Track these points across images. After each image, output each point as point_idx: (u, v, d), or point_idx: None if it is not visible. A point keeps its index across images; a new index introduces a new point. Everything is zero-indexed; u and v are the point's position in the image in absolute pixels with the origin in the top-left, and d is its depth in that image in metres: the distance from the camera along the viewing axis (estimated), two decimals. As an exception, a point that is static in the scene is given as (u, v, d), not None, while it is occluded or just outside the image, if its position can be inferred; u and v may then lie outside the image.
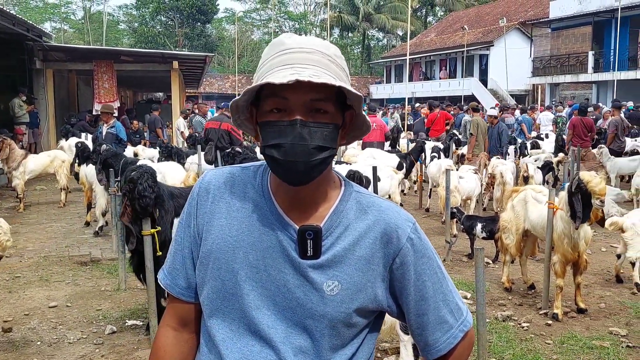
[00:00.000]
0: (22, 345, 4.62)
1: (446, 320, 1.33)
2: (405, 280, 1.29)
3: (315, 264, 1.25)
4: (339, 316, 1.25)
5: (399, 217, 1.31)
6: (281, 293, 1.25)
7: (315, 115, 1.22)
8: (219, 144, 9.64)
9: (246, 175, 1.36)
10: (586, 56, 29.55)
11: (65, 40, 46.53)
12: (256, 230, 1.28)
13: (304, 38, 1.29)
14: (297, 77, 1.16)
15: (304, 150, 1.20)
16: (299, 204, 1.29)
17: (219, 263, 1.28)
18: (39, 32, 15.76)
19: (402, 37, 53.73)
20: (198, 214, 1.34)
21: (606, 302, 5.62)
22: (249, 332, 1.27)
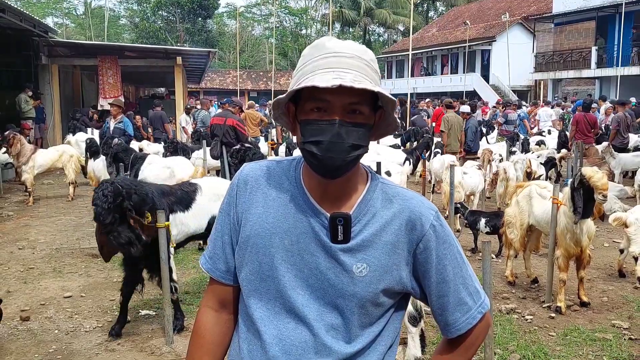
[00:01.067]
0: (40, 334, 4.75)
1: (465, 302, 1.43)
2: (428, 264, 1.40)
3: (345, 248, 1.36)
4: (367, 296, 1.37)
5: (423, 206, 1.42)
6: (314, 275, 1.37)
7: (352, 116, 1.33)
8: (224, 140, 9.74)
9: (281, 168, 1.48)
10: (589, 52, 29.54)
11: (67, 35, 46.58)
12: (291, 217, 1.40)
13: (344, 42, 1.37)
14: (340, 82, 1.26)
15: (341, 147, 1.31)
16: (330, 194, 1.40)
17: (257, 247, 1.41)
18: (44, 27, 15.85)
19: (403, 32, 53.72)
20: (237, 203, 1.46)
21: (609, 296, 5.73)
22: (284, 310, 1.38)
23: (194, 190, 5.14)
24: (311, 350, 1.37)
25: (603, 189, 4.90)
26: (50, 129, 16.44)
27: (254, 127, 14.64)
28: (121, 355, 4.39)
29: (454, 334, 1.46)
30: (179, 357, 4.37)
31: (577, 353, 4.42)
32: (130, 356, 4.37)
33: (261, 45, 60.80)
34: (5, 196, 11.16)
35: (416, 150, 10.75)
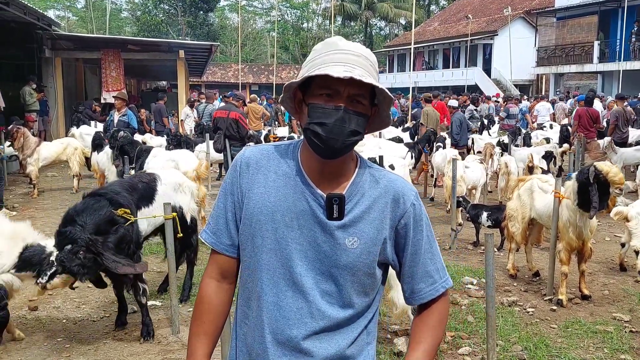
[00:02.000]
0: (48, 323, 4.83)
1: (432, 275, 1.64)
2: (406, 238, 1.61)
3: (339, 224, 1.54)
4: (358, 265, 1.55)
5: (406, 187, 1.63)
6: (312, 248, 1.55)
7: (355, 105, 1.52)
8: (227, 133, 9.80)
9: (279, 151, 1.65)
10: (592, 46, 29.48)
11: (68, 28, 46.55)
12: (290, 197, 1.57)
13: (352, 43, 1.58)
14: (351, 74, 1.46)
15: (343, 131, 1.50)
16: (326, 175, 1.58)
17: (260, 224, 1.57)
18: (48, 20, 15.87)
19: (405, 26, 53.62)
20: (241, 183, 1.62)
21: (610, 290, 5.79)
22: (283, 280, 1.55)
23: (154, 180, 5.02)
24: (307, 314, 1.54)
25: (620, 184, 4.95)
26: (53, 121, 16.49)
27: (256, 121, 14.70)
28: (128, 344, 4.46)
29: (417, 302, 1.65)
30: (185, 346, 4.43)
31: (578, 345, 4.49)
32: (137, 345, 4.44)
33: (262, 38, 60.66)
34: (10, 188, 11.22)
35: (418, 144, 10.80)
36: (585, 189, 5.02)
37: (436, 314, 1.65)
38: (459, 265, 6.40)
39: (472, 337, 4.64)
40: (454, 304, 5.32)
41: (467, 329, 4.77)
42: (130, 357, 4.25)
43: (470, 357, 4.30)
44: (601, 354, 4.34)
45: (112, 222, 4.22)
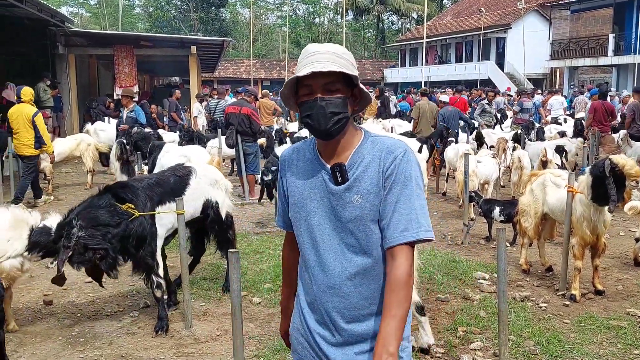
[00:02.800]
0: (63, 317, 4.89)
1: (401, 221, 1.83)
2: (390, 186, 1.85)
3: (344, 187, 1.88)
4: (366, 215, 1.86)
5: (395, 144, 1.90)
6: (331, 211, 1.92)
7: (329, 92, 1.87)
8: (239, 128, 9.81)
9: (304, 144, 2.06)
10: (606, 39, 29.13)
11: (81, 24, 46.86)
12: (311, 176, 1.97)
13: (322, 45, 1.93)
14: (312, 69, 1.83)
15: (324, 115, 1.86)
16: (332, 151, 1.94)
17: (296, 202, 2.00)
18: (61, 17, 16.00)
19: (417, 20, 53.31)
20: (283, 177, 2.07)
21: (624, 285, 5.74)
22: (317, 241, 1.94)
23: (188, 174, 5.04)
24: (339, 264, 1.91)
25: (637, 177, 4.93)
26: (67, 117, 16.63)
27: (268, 116, 14.69)
28: (141, 338, 4.51)
29: (387, 245, 1.85)
30: (198, 340, 4.47)
31: (591, 340, 4.46)
32: (151, 340, 4.48)
33: (274, 33, 60.63)
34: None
35: (431, 139, 10.76)
36: (600, 183, 4.97)
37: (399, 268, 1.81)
38: (471, 260, 6.38)
39: (484, 332, 4.63)
40: (465, 299, 5.32)
41: (479, 324, 4.76)
42: (144, 351, 4.29)
43: (482, 352, 4.29)
44: (614, 349, 4.31)
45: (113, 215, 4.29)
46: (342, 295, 1.91)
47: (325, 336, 1.96)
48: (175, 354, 4.25)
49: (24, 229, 4.29)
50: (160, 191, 4.71)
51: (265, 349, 4.31)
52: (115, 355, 4.22)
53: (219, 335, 4.56)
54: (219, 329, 4.66)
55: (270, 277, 5.85)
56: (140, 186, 4.63)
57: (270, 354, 4.21)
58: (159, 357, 4.20)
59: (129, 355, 4.22)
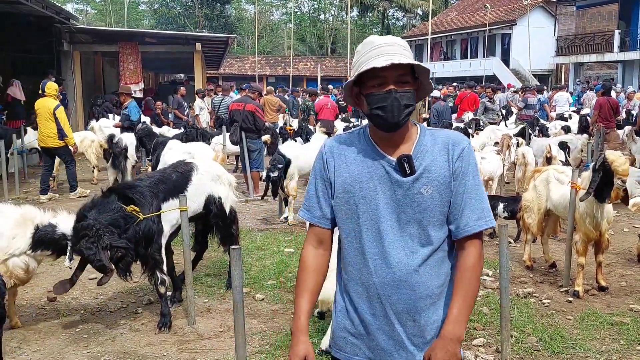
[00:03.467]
0: (67, 314, 4.92)
1: (477, 212, 1.92)
2: (458, 178, 1.92)
3: (412, 179, 1.89)
4: (437, 207, 1.90)
5: (459, 137, 1.98)
6: (395, 203, 1.91)
7: (401, 85, 1.89)
8: (244, 125, 9.81)
9: (352, 136, 2.04)
10: (612, 35, 28.96)
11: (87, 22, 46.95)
12: (369, 167, 1.94)
13: (386, 37, 1.95)
14: (392, 61, 1.83)
15: (399, 108, 1.87)
16: (393, 143, 1.95)
17: (351, 194, 1.95)
18: (66, 14, 16.02)
19: (422, 16, 53.14)
20: (328, 168, 2.01)
21: (627, 281, 5.73)
22: (379, 234, 1.91)
23: (190, 170, 5.04)
24: (405, 256, 1.90)
25: (623, 175, 4.88)
26: (72, 114, 16.66)
27: (272, 113, 14.68)
28: (145, 335, 4.53)
29: (462, 234, 1.93)
30: (201, 336, 4.49)
31: (594, 336, 4.45)
32: (154, 336, 4.50)
33: (279, 30, 60.58)
34: (30, 180, 11.41)
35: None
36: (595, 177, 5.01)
37: (469, 261, 1.92)
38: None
39: (487, 328, 4.63)
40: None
41: (482, 320, 4.76)
42: (147, 347, 4.31)
43: (484, 349, 4.29)
44: (617, 345, 4.30)
45: (124, 218, 4.30)
46: (409, 288, 1.90)
47: (386, 330, 1.94)
48: (178, 350, 4.26)
49: (29, 227, 4.29)
50: (165, 188, 4.72)
51: (268, 345, 4.33)
52: (118, 352, 4.24)
53: (221, 332, 4.57)
54: (222, 326, 4.67)
55: (274, 273, 5.87)
56: (145, 185, 4.63)
57: (273, 350, 4.22)
58: (162, 354, 4.21)
59: (132, 352, 4.24)
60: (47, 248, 4.30)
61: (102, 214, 4.25)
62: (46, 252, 4.33)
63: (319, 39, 58.90)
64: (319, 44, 58.90)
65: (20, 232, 4.25)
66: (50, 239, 4.28)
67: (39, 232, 4.28)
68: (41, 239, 4.27)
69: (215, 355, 4.20)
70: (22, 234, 4.25)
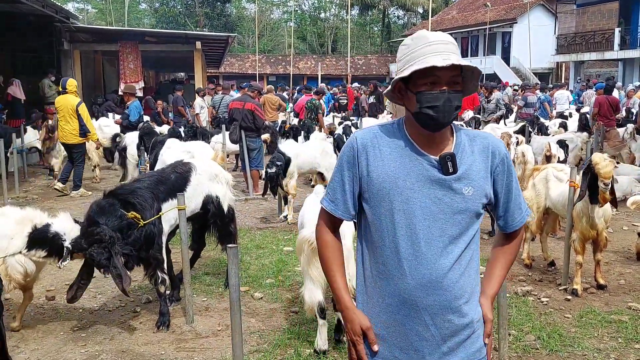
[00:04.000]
0: (65, 313, 4.92)
1: (521, 208, 2.04)
2: (502, 180, 1.98)
3: (454, 178, 1.89)
4: (475, 208, 1.92)
5: (497, 141, 2.00)
6: (433, 203, 1.88)
7: (453, 85, 1.88)
8: (243, 124, 9.80)
9: (387, 130, 1.99)
10: (612, 33, 28.92)
11: (87, 21, 46.95)
12: (407, 164, 1.91)
13: (438, 33, 1.91)
14: (451, 62, 1.82)
15: (450, 109, 1.86)
16: (433, 142, 1.92)
17: (385, 190, 1.91)
18: (66, 13, 16.02)
19: (423, 14, 53.08)
20: (359, 162, 1.96)
21: (626, 279, 5.72)
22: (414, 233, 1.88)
23: (188, 171, 5.05)
24: (440, 256, 1.88)
25: (604, 177, 4.89)
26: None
27: (272, 112, 14.67)
28: (143, 333, 4.53)
29: (513, 228, 2.05)
30: (199, 335, 4.50)
31: (592, 334, 4.45)
32: (152, 335, 4.50)
33: (280, 29, 60.53)
34: (29, 180, 11.42)
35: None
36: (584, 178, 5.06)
37: (514, 242, 2.08)
38: (473, 255, 6.36)
39: (485, 326, 4.62)
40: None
41: (480, 318, 4.75)
42: (145, 346, 4.31)
43: (482, 347, 4.29)
44: (615, 343, 4.30)
45: (128, 224, 4.32)
46: (444, 288, 1.88)
47: (419, 332, 1.91)
48: (176, 349, 4.27)
49: (27, 227, 4.28)
50: (164, 189, 4.73)
51: (266, 344, 4.33)
52: (116, 351, 4.24)
53: (220, 331, 4.58)
54: (220, 324, 4.68)
55: (273, 272, 5.87)
56: (145, 186, 4.63)
57: (271, 349, 4.23)
58: (160, 353, 4.22)
59: (130, 351, 4.25)
60: (42, 247, 4.26)
61: (110, 220, 4.26)
62: (41, 253, 4.27)
63: (320, 37, 58.83)
64: (319, 42, 58.83)
65: (19, 232, 4.25)
66: (44, 238, 4.25)
67: (35, 232, 4.26)
68: (36, 238, 4.25)
69: (213, 354, 4.20)
70: (21, 233, 4.25)
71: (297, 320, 4.71)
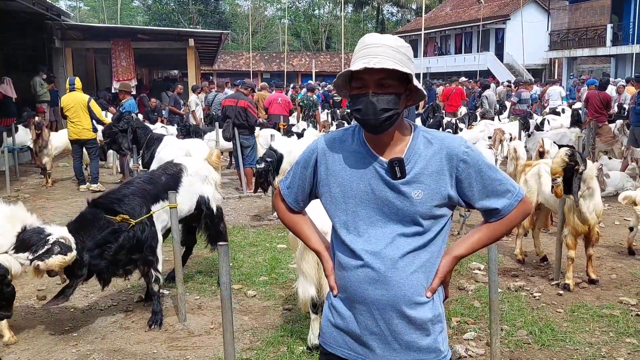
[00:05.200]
0: (56, 312, 4.89)
1: (505, 194, 1.95)
2: (470, 178, 1.92)
3: (404, 182, 1.90)
4: (425, 211, 1.90)
5: (454, 141, 1.95)
6: (385, 205, 1.92)
7: (382, 88, 1.86)
8: (236, 121, 9.78)
9: (346, 134, 2.04)
10: (605, 29, 29.04)
11: (80, 18, 46.70)
12: (361, 166, 1.95)
13: (378, 36, 1.91)
14: (366, 65, 1.82)
15: (374, 111, 1.85)
16: (385, 145, 1.94)
17: (342, 193, 1.97)
18: (57, 11, 15.93)
19: (417, 11, 53.10)
20: (318, 166, 2.03)
21: (617, 274, 5.75)
22: (367, 232, 1.93)
23: (180, 172, 5.06)
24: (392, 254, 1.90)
25: (551, 173, 5.04)
26: (64, 112, 16.57)
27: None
28: (135, 332, 4.52)
29: (497, 219, 1.98)
30: (192, 334, 4.48)
31: (584, 329, 4.46)
32: (144, 334, 4.48)
33: (274, 26, 60.42)
34: (21, 179, 11.36)
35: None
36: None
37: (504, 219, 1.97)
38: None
39: (478, 322, 4.64)
40: (460, 289, 5.33)
41: (472, 314, 4.77)
42: (137, 345, 4.29)
43: (475, 342, 4.30)
44: (606, 337, 4.31)
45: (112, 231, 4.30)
46: (394, 285, 1.91)
47: (370, 327, 1.95)
48: (169, 348, 4.25)
49: (17, 226, 4.12)
50: (153, 189, 4.71)
51: (259, 341, 4.32)
52: (108, 350, 4.22)
53: (212, 329, 4.56)
54: (213, 322, 4.66)
55: (266, 270, 5.86)
56: (130, 192, 4.57)
57: (264, 347, 4.22)
58: (152, 351, 4.20)
59: (122, 350, 4.23)
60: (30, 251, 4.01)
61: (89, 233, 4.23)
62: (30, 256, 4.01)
63: (314, 34, 58.78)
64: (313, 39, 58.79)
65: (7, 229, 4.14)
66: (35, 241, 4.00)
67: (25, 233, 4.06)
68: (26, 239, 4.03)
69: (205, 352, 4.19)
70: (9, 232, 4.14)
71: (290, 318, 4.70)
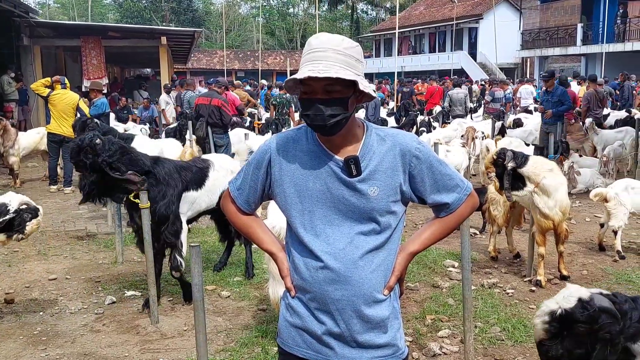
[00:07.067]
0: (25, 316, 4.77)
1: (454, 190, 2.01)
2: (422, 174, 1.97)
3: (359, 179, 1.91)
4: (382, 207, 1.93)
5: (407, 137, 1.99)
6: (342, 202, 1.93)
7: (329, 93, 1.86)
8: (210, 120, 9.68)
9: (300, 133, 2.03)
10: (575, 29, 29.56)
11: (49, 15, 45.83)
12: (316, 166, 1.95)
13: (324, 38, 1.89)
14: (310, 74, 1.81)
15: (322, 117, 1.86)
16: (338, 145, 1.95)
17: (298, 192, 1.96)
18: (25, 8, 15.57)
19: (391, 10, 53.33)
20: (272, 164, 2.01)
21: (588, 270, 5.84)
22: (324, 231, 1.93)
23: (207, 167, 5.25)
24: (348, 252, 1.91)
25: (484, 169, 5.40)
26: (33, 111, 16.21)
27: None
28: (106, 335, 4.43)
29: (447, 213, 2.04)
30: (164, 336, 4.41)
31: (556, 325, 4.51)
32: (116, 336, 4.40)
33: (248, 24, 60.09)
34: (-11, 179, 11.08)
35: (403, 128, 10.81)
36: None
37: (455, 212, 2.02)
38: (440, 249, 6.41)
39: (452, 319, 4.66)
40: (435, 287, 5.35)
41: (447, 311, 4.79)
42: (108, 349, 4.21)
43: (449, 340, 4.31)
44: (578, 334, 4.36)
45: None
46: (353, 284, 1.92)
47: (328, 326, 1.95)
48: (141, 351, 4.18)
49: None
50: (188, 176, 4.95)
51: (233, 342, 4.28)
52: (78, 354, 4.13)
53: (185, 330, 4.50)
54: (186, 324, 4.60)
55: (240, 270, 5.81)
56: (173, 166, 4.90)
57: (238, 348, 4.17)
58: (124, 355, 4.12)
59: (93, 353, 4.14)
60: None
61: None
62: None
63: (288, 32, 58.63)
64: (288, 37, 58.63)
65: None
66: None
67: None
68: None
69: (178, 354, 4.13)
70: None
71: (264, 318, 4.66)
